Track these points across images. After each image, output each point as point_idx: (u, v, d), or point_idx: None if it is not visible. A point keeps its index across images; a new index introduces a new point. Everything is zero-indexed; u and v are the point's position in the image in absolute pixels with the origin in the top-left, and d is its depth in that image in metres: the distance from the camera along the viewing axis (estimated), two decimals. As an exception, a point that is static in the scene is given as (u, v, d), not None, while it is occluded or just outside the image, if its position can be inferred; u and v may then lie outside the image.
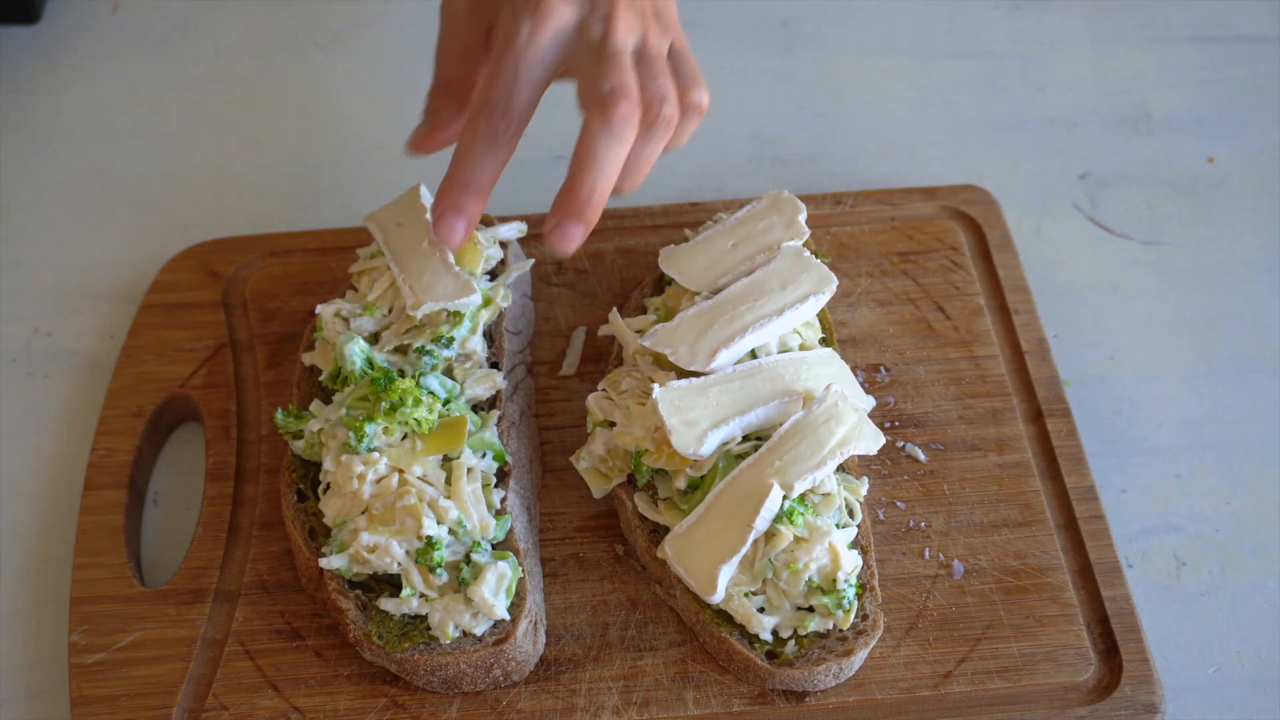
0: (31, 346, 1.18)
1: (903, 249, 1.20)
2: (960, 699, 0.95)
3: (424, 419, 0.96)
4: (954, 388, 1.11)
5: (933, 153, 1.33)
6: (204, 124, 1.35)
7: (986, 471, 1.06)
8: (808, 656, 0.93)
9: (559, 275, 1.18)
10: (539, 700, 0.95)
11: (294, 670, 0.96)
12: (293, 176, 1.31)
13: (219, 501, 1.05)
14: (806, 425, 0.94)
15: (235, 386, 1.11)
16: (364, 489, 0.94)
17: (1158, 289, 1.22)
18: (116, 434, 1.08)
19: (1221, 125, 1.34)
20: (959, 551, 1.02)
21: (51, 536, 1.07)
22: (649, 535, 0.99)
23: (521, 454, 1.04)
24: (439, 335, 1.01)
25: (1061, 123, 1.35)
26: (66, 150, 1.33)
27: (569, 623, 0.99)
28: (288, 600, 1.00)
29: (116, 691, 0.95)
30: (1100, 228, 1.27)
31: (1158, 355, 1.18)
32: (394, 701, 0.95)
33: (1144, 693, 0.95)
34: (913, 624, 0.98)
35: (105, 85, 1.38)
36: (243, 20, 1.44)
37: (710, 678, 0.96)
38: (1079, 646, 0.97)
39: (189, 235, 1.24)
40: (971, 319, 1.15)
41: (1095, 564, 1.01)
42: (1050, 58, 1.41)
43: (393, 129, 1.34)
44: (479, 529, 0.95)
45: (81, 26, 1.43)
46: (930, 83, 1.39)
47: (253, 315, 1.16)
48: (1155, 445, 1.12)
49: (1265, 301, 1.21)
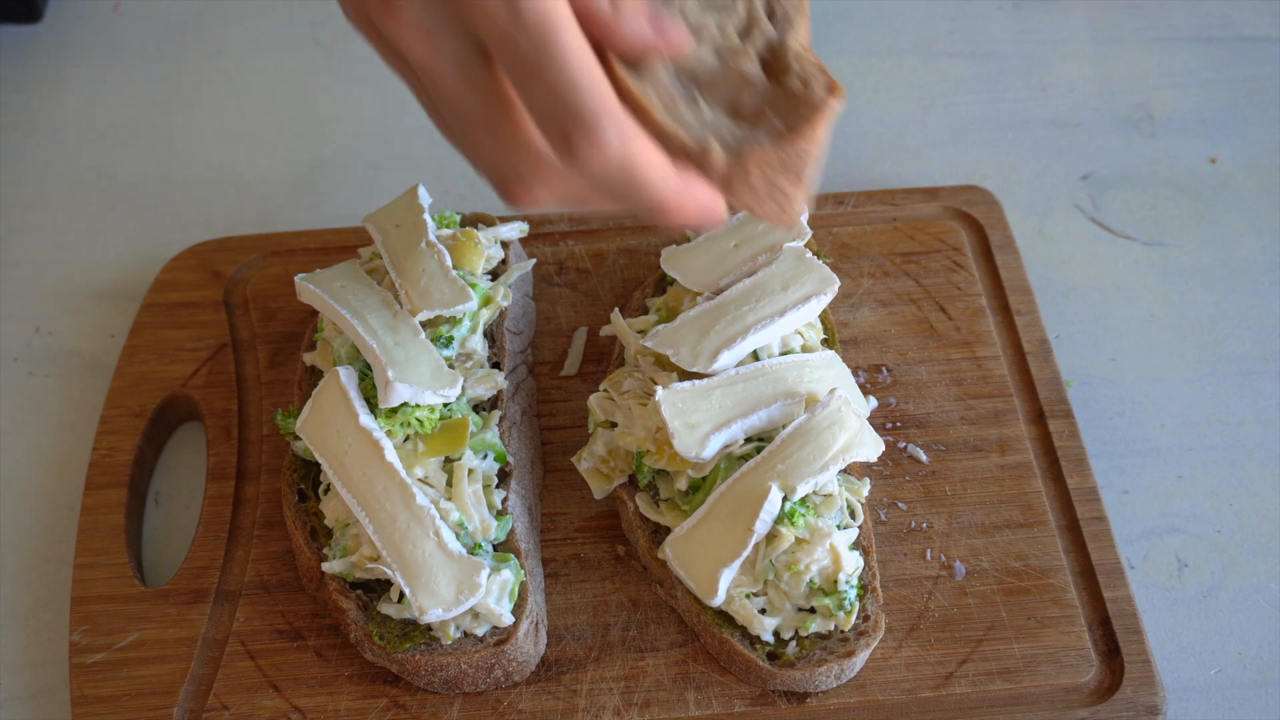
0: (33, 346, 1.18)
1: (905, 249, 1.19)
2: (962, 700, 0.95)
3: (425, 420, 0.96)
4: (956, 388, 1.11)
5: (935, 153, 1.33)
6: (205, 124, 1.35)
7: (988, 472, 1.06)
8: (809, 658, 0.93)
9: (560, 275, 1.18)
10: (540, 701, 0.95)
11: (295, 670, 0.96)
12: (294, 176, 1.31)
13: (220, 501, 1.05)
14: (809, 429, 0.94)
15: (236, 386, 1.11)
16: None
17: (1160, 290, 1.22)
18: (118, 433, 1.08)
19: (1224, 126, 1.34)
20: (961, 552, 1.02)
21: (52, 536, 1.07)
22: (650, 536, 0.99)
23: (523, 454, 1.04)
24: (439, 335, 1.01)
25: (1064, 123, 1.35)
26: (67, 150, 1.33)
27: (570, 623, 0.99)
28: (289, 600, 1.00)
29: (117, 691, 0.95)
30: (1102, 228, 1.27)
31: (1160, 356, 1.17)
32: (395, 702, 0.95)
33: (1145, 694, 0.95)
34: (914, 625, 0.98)
35: (106, 85, 1.38)
36: (244, 20, 1.44)
37: (711, 678, 0.96)
38: (1081, 648, 0.97)
39: (190, 235, 1.24)
40: (973, 319, 1.15)
41: (1097, 565, 1.01)
42: (1053, 58, 1.41)
43: (393, 128, 1.34)
44: (480, 530, 0.95)
45: (82, 26, 1.43)
46: (932, 83, 1.39)
47: (254, 315, 1.16)
48: (1157, 446, 1.12)
49: (1268, 302, 1.21)
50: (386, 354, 0.96)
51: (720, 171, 0.74)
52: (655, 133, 0.74)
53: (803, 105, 0.78)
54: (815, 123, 0.77)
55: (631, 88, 0.75)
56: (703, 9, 0.83)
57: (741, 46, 0.82)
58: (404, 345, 0.98)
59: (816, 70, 0.81)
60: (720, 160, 0.74)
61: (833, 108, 0.77)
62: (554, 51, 0.62)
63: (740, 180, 0.75)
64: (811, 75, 0.80)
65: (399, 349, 0.97)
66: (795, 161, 0.77)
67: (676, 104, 0.78)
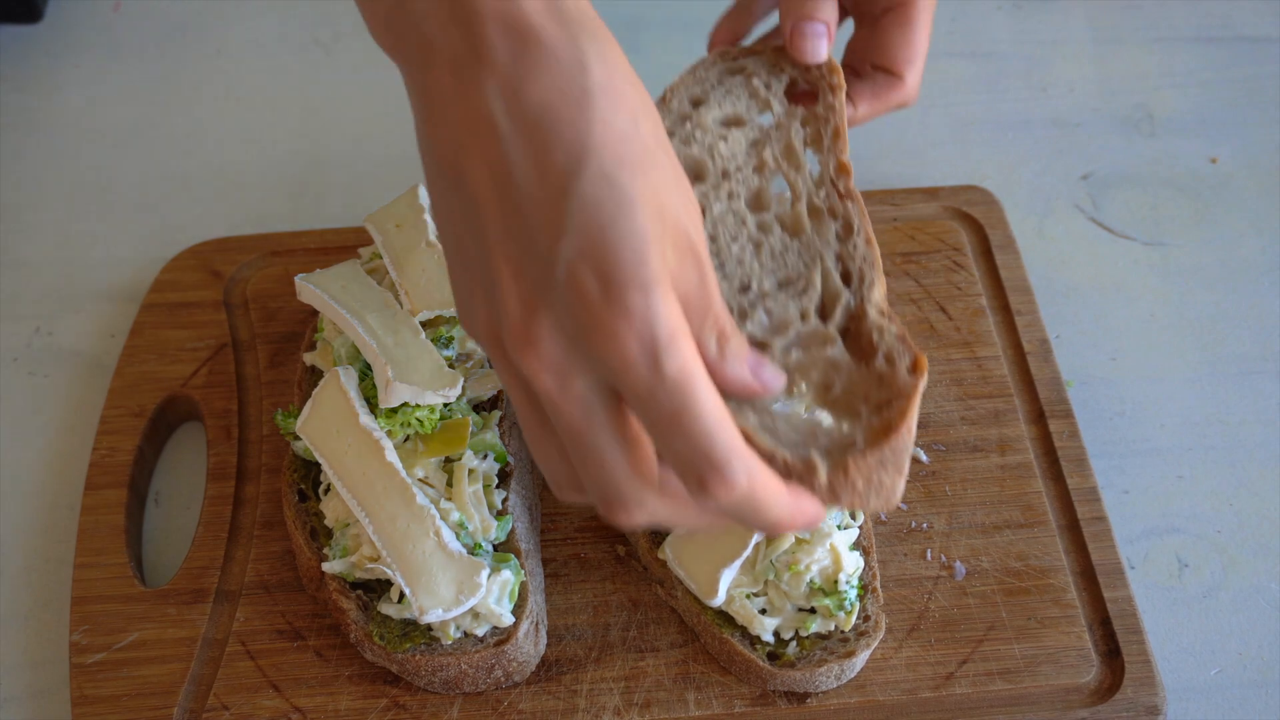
0: (33, 346, 1.18)
1: (904, 249, 1.19)
2: (962, 700, 0.95)
3: (425, 420, 0.96)
4: (956, 388, 1.11)
5: (934, 153, 1.33)
6: (205, 123, 1.35)
7: (988, 472, 1.06)
8: (809, 658, 0.93)
9: (560, 275, 1.18)
10: (540, 701, 0.95)
11: (295, 670, 0.96)
12: (294, 175, 1.31)
13: (220, 501, 1.05)
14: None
15: (237, 386, 1.11)
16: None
17: (1160, 290, 1.22)
18: (117, 433, 1.08)
19: (1225, 126, 1.34)
20: (961, 553, 1.02)
21: (52, 536, 1.07)
22: (650, 536, 0.98)
23: (523, 454, 1.04)
24: (439, 335, 1.01)
25: (1064, 123, 1.35)
26: (67, 150, 1.33)
27: (570, 623, 0.99)
28: (289, 600, 1.00)
29: (117, 691, 0.95)
30: (1103, 228, 1.27)
31: (1160, 356, 1.17)
32: (395, 702, 0.95)
33: (1146, 694, 0.95)
34: (914, 625, 0.98)
35: (106, 85, 1.38)
36: (244, 20, 1.44)
37: (712, 679, 0.96)
38: (1081, 648, 0.97)
39: (190, 235, 1.24)
40: (973, 319, 1.15)
41: (1097, 565, 1.01)
42: (1053, 58, 1.41)
43: (394, 128, 1.34)
44: (480, 530, 0.95)
45: (83, 26, 1.43)
46: (932, 83, 1.39)
47: (254, 315, 1.16)
48: (1158, 446, 1.12)
49: (1268, 302, 1.21)
50: (386, 354, 0.96)
51: (824, 485, 0.77)
52: (762, 455, 0.78)
53: (892, 391, 0.81)
54: (907, 413, 0.79)
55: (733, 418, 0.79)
56: (781, 293, 0.87)
57: (824, 329, 0.85)
58: (404, 345, 0.98)
59: (899, 344, 0.83)
60: (824, 476, 0.77)
61: (919, 388, 0.80)
62: (692, 406, 0.65)
63: (843, 486, 0.78)
64: (896, 353, 0.83)
65: (399, 349, 0.97)
66: (893, 457, 0.79)
67: (774, 418, 0.81)
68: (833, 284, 0.88)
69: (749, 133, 0.97)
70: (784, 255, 0.89)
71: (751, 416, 0.80)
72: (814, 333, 0.85)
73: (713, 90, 1.00)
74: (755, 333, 0.86)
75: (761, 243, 0.90)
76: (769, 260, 0.89)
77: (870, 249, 0.90)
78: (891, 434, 0.78)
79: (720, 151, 0.95)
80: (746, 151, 0.96)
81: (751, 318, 0.86)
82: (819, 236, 0.90)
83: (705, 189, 0.93)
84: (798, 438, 0.80)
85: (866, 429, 0.79)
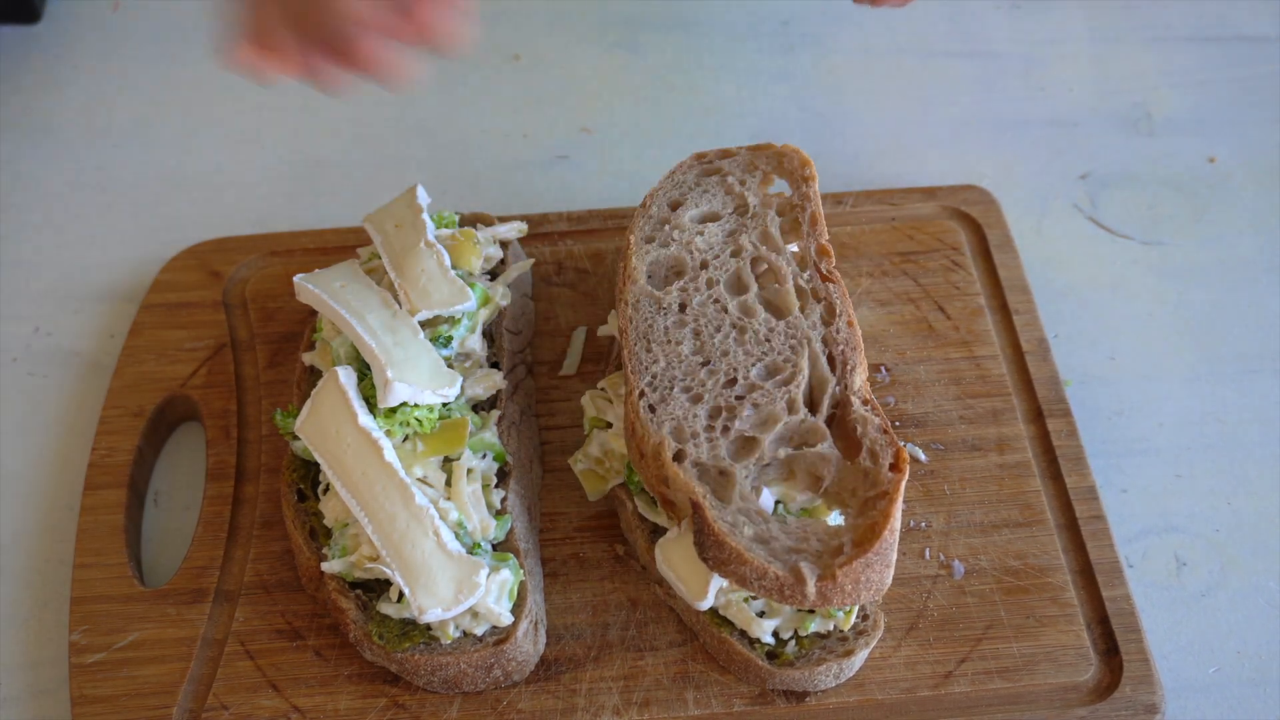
0: (32, 346, 1.18)
1: (903, 249, 1.20)
2: (961, 699, 0.95)
3: (425, 419, 0.96)
4: (954, 388, 1.11)
5: (933, 152, 1.33)
6: (204, 124, 1.35)
7: (987, 471, 1.06)
8: (808, 657, 0.93)
9: (559, 275, 1.18)
10: (539, 700, 0.95)
11: (294, 670, 0.96)
12: (293, 176, 1.31)
13: (219, 501, 1.05)
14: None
15: (236, 386, 1.12)
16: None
17: (1158, 289, 1.22)
18: (117, 433, 1.08)
19: (1222, 125, 1.34)
20: (959, 552, 1.02)
21: (52, 536, 1.07)
22: (649, 536, 0.99)
23: (522, 454, 1.04)
24: (438, 335, 1.01)
25: (1062, 123, 1.35)
26: (66, 150, 1.33)
27: (569, 623, 0.99)
28: (288, 600, 1.00)
29: (117, 691, 0.95)
30: (1101, 228, 1.27)
31: (1158, 355, 1.18)
32: (394, 701, 0.95)
33: (1144, 693, 0.95)
34: (913, 624, 0.98)
35: (105, 85, 1.38)
36: (243, 20, 1.44)
37: (711, 678, 0.96)
38: (1079, 647, 0.97)
39: (189, 235, 1.24)
40: (972, 319, 1.15)
41: (1095, 564, 1.01)
42: (1051, 58, 1.41)
43: (393, 128, 1.34)
44: (479, 529, 0.95)
45: (81, 26, 1.43)
46: (931, 82, 1.39)
47: (253, 315, 1.16)
48: (1155, 445, 1.12)
49: (1266, 301, 1.21)
50: (385, 354, 0.96)
51: (814, 593, 0.83)
52: (754, 569, 0.84)
53: (875, 490, 0.86)
54: (890, 514, 0.84)
55: (724, 532, 0.85)
56: (768, 383, 0.92)
57: (812, 420, 0.90)
58: (403, 345, 0.98)
59: (882, 438, 0.89)
60: (812, 587, 0.83)
61: (901, 486, 0.85)
62: None
63: (832, 591, 0.83)
64: (879, 447, 0.88)
65: (398, 349, 0.97)
66: (879, 557, 0.84)
67: (769, 523, 0.86)
68: (820, 370, 0.92)
69: (725, 224, 1.02)
70: (769, 339, 0.94)
71: (747, 529, 0.85)
72: (802, 427, 0.90)
73: (690, 191, 1.05)
74: (744, 429, 0.90)
75: (745, 327, 0.95)
76: (754, 346, 0.94)
77: (852, 331, 0.94)
78: (875, 538, 0.83)
79: (697, 245, 1.00)
80: (723, 241, 1.01)
81: (739, 414, 0.90)
82: (805, 318, 0.95)
83: (684, 283, 0.98)
84: (791, 542, 0.85)
85: (853, 531, 0.84)
